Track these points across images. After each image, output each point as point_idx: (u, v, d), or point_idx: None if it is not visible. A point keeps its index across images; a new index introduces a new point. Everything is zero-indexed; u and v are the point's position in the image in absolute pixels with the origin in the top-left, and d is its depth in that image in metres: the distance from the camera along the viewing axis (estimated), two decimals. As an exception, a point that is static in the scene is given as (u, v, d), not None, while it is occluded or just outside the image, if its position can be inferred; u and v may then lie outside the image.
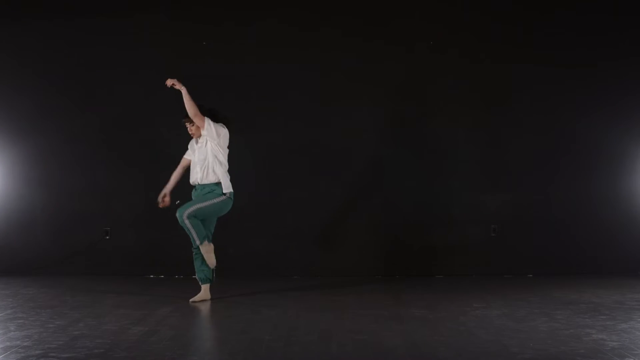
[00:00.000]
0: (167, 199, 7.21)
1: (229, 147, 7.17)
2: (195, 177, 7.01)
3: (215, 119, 7.05)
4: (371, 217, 8.92)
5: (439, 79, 8.99)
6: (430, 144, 8.94)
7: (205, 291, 6.99)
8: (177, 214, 6.82)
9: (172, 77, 6.96)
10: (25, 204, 8.87)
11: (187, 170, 7.21)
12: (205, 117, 6.95)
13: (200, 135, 7.05)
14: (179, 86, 6.90)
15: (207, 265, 6.96)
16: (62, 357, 4.64)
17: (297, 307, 6.59)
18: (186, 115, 7.01)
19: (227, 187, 7.01)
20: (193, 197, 7.01)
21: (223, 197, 6.97)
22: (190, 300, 6.88)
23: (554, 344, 5.02)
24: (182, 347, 4.95)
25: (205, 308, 6.61)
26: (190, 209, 6.81)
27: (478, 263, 8.79)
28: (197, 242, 6.84)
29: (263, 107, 8.93)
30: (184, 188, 7.25)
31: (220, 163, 7.00)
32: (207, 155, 6.97)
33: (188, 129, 7.11)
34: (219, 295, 7.27)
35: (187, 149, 7.43)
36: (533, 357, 4.71)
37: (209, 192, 6.93)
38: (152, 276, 8.75)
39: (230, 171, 9.06)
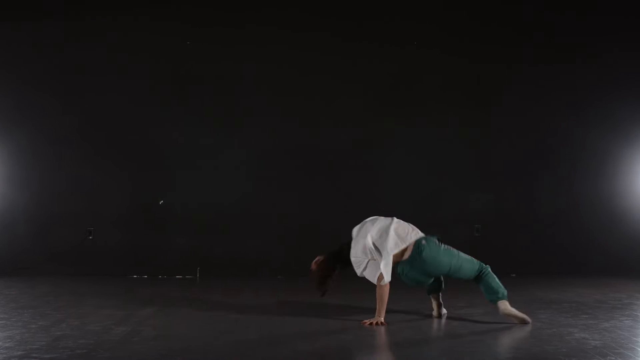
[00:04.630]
0: None
1: None
2: None
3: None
4: (357, 217, 8.89)
5: (426, 79, 9.02)
6: (416, 143, 8.97)
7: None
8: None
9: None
10: (7, 204, 8.81)
11: None
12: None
13: None
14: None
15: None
16: (44, 357, 4.61)
17: (282, 308, 6.58)
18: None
19: None
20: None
21: None
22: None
23: (537, 343, 5.04)
24: (166, 347, 4.93)
25: (188, 308, 6.58)
26: None
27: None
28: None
29: (254, 108, 8.92)
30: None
31: None
32: None
33: None
34: (203, 295, 7.25)
35: (171, 147, 7.33)
36: (516, 356, 4.73)
37: None
38: (135, 276, 8.72)
39: (220, 171, 9.04)
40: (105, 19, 8.88)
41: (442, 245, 5.95)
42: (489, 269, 5.96)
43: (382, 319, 5.77)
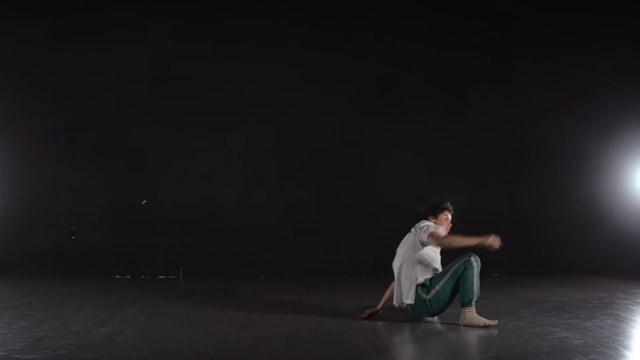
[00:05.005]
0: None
1: None
2: None
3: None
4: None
5: (407, 78, 9.04)
6: (398, 143, 8.99)
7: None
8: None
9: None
10: (-12, 204, 8.76)
11: None
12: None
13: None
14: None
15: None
16: (25, 358, 4.58)
17: (263, 308, 6.57)
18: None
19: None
20: None
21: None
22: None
23: (519, 342, 5.06)
24: (148, 347, 4.91)
25: (171, 309, 6.56)
26: None
27: (444, 262, 8.82)
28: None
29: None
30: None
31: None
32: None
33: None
34: (185, 296, 7.24)
35: (154, 148, 7.23)
36: (498, 355, 4.74)
37: None
38: (117, 276, 8.69)
39: (207, 172, 8.95)
40: (89, 20, 8.82)
41: (431, 292, 5.89)
42: (471, 264, 6.00)
43: (378, 308, 6.08)
